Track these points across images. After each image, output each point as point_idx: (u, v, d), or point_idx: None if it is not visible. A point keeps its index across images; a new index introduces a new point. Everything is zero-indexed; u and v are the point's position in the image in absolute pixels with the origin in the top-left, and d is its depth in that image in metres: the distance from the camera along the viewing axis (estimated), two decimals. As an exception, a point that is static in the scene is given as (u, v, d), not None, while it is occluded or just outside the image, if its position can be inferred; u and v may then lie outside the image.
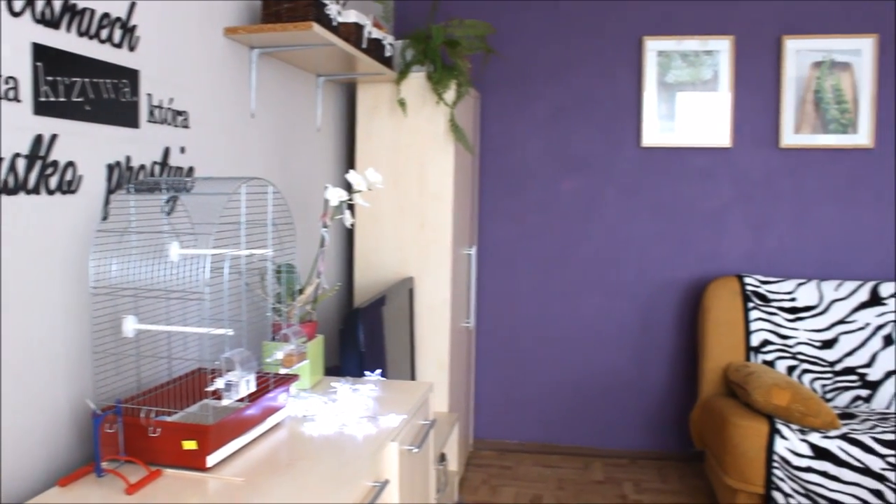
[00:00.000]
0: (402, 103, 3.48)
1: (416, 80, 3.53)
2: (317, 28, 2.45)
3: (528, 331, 4.44)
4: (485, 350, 4.48)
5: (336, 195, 2.35)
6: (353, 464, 1.68)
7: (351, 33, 2.87)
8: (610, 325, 4.38)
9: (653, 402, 4.39)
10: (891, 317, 3.87)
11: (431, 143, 3.53)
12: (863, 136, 4.14)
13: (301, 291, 2.31)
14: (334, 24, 2.67)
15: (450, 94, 3.49)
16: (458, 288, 3.78)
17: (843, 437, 3.25)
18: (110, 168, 1.91)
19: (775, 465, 3.25)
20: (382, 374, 2.88)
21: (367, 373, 2.40)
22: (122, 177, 1.95)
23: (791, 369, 3.82)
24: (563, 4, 4.30)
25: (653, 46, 4.22)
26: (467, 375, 4.26)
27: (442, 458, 3.27)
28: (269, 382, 1.90)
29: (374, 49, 3.17)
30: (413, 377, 3.53)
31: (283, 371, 2.06)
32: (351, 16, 2.87)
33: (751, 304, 3.93)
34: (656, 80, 4.23)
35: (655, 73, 4.22)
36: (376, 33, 3.17)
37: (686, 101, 4.22)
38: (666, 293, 4.33)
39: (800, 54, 4.14)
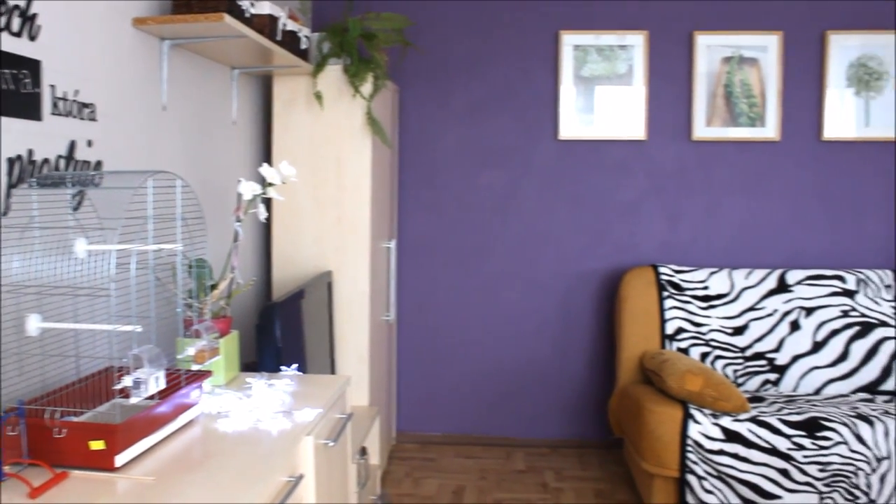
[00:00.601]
0: (318, 96, 3.45)
1: (333, 73, 3.50)
2: (228, 19, 2.41)
3: (449, 323, 4.46)
4: (406, 343, 4.49)
5: (249, 189, 2.32)
6: (268, 459, 1.66)
7: (265, 25, 2.83)
8: (529, 316, 4.44)
9: (572, 391, 4.46)
10: (797, 303, 4.01)
11: (349, 136, 3.51)
12: (770, 129, 4.27)
13: (214, 287, 2.28)
14: (247, 15, 2.64)
15: (367, 88, 3.47)
16: (377, 281, 3.77)
17: (753, 419, 3.36)
18: (11, 162, 1.85)
19: (689, 448, 3.34)
20: (301, 369, 2.86)
21: (283, 368, 2.38)
22: (23, 171, 1.89)
23: (704, 356, 3.93)
24: (480, -2, 4.33)
25: (569, 41, 4.27)
26: (388, 369, 4.26)
27: (363, 451, 3.27)
28: (180, 379, 1.87)
29: (290, 41, 3.14)
30: (333, 371, 3.51)
31: (195, 367, 2.03)
32: (265, 7, 2.83)
33: (665, 294, 4.03)
34: (573, 73, 4.29)
35: (572, 66, 4.28)
36: (291, 25, 3.14)
37: (603, 95, 4.29)
38: (584, 284, 4.41)
39: (710, 49, 4.25)
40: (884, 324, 3.96)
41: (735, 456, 3.32)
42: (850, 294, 4.02)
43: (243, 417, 1.92)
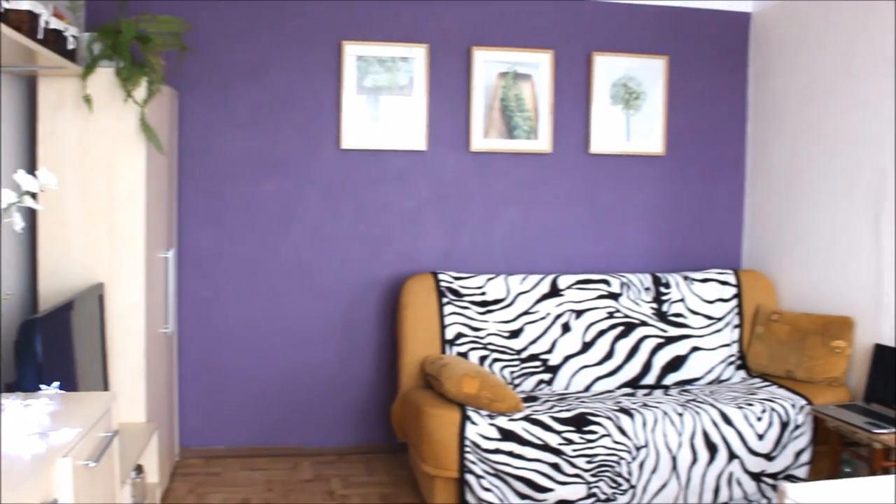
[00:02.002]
0: (87, 100, 3.29)
1: (105, 75, 3.35)
2: (-23, 16, 2.25)
3: (233, 334, 4.38)
4: (188, 356, 4.35)
5: (3, 198, 2.19)
6: (17, 487, 1.57)
7: (23, 21, 2.66)
8: (314, 325, 4.44)
9: (358, 398, 4.50)
10: (568, 306, 4.26)
11: (121, 142, 3.37)
12: (543, 141, 4.52)
13: (-37, 302, 2.12)
14: (1, 10, 2.48)
15: (140, 92, 3.35)
16: (154, 293, 3.64)
17: (526, 418, 3.54)
18: None
19: (467, 449, 3.47)
20: (71, 387, 2.72)
21: (43, 387, 2.26)
22: None
23: (483, 359, 4.09)
24: (263, 4, 4.28)
25: (352, 51, 4.32)
26: (169, 382, 4.12)
27: (139, 469, 3.15)
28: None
29: (54, 40, 2.97)
30: (106, 388, 3.36)
31: (-64, 390, 1.89)
32: (23, 3, 2.67)
33: (445, 300, 4.16)
34: (356, 83, 4.34)
35: (355, 77, 4.34)
36: (56, 24, 2.98)
37: (386, 106, 4.37)
38: (367, 291, 4.46)
39: (488, 64, 4.44)
40: (644, 323, 4.28)
41: (510, 454, 3.48)
42: (614, 297, 4.32)
43: (-8, 442, 1.81)
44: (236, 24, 4.27)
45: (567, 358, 4.18)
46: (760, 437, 3.70)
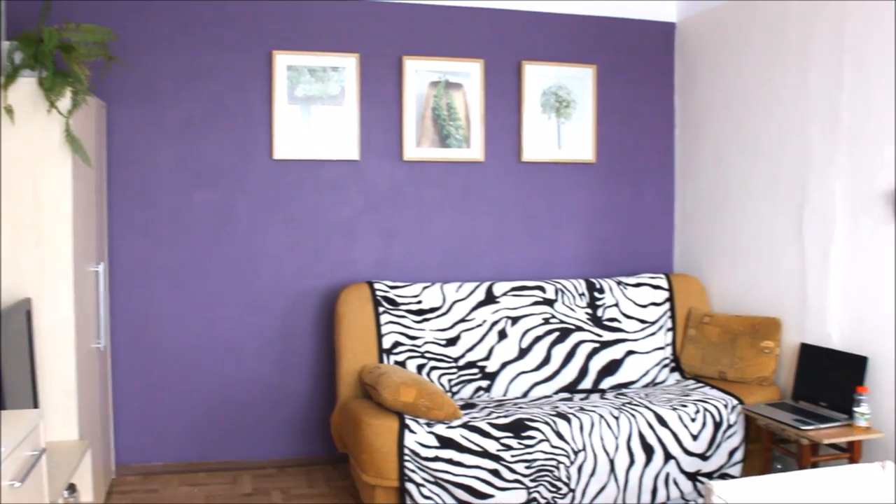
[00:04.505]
0: (9, 111, 3.21)
1: (27, 85, 3.27)
2: None
3: (168, 347, 4.31)
4: (122, 370, 4.27)
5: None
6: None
7: (-60, 34, 2.61)
8: (250, 337, 4.39)
9: (297, 409, 4.47)
10: (504, 313, 4.29)
11: (46, 154, 3.29)
12: (475, 150, 4.56)
13: None
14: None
15: (65, 103, 3.28)
16: (83, 307, 3.57)
17: (465, 425, 3.55)
18: None
19: (406, 458, 3.47)
20: (-5, 406, 2.64)
21: (-34, 406, 2.20)
22: None
23: (420, 367, 4.09)
24: (191, 12, 4.24)
25: (282, 61, 4.31)
26: (103, 398, 4.03)
27: (72, 488, 3.08)
28: None
29: (-27, 51, 2.91)
30: (35, 405, 3.27)
31: None
32: (-60, 15, 2.60)
33: (381, 309, 4.16)
34: (287, 93, 4.32)
35: (286, 86, 4.32)
36: (-25, 34, 2.91)
37: (318, 115, 4.36)
38: (303, 302, 4.44)
39: (419, 74, 4.47)
40: (579, 328, 4.34)
41: (450, 461, 3.49)
42: (549, 303, 4.37)
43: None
44: (164, 33, 4.22)
45: (504, 364, 4.21)
46: (695, 437, 3.77)
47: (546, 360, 4.26)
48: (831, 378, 3.69)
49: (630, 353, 4.36)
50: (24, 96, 3.27)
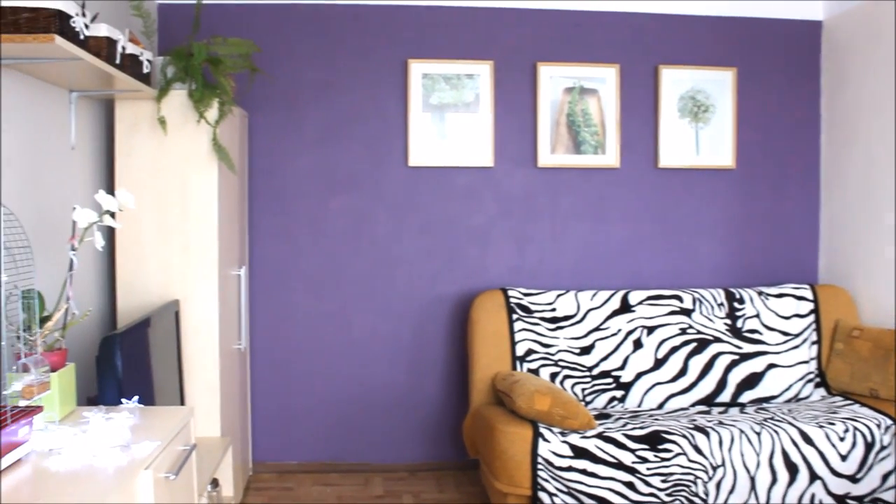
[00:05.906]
0: (162, 122, 3.37)
1: (178, 97, 3.43)
2: (60, 41, 2.31)
3: (304, 350, 4.42)
4: (260, 371, 4.41)
5: (84, 217, 2.24)
6: (102, 497, 1.60)
7: (102, 47, 2.75)
8: (383, 341, 4.45)
9: (428, 414, 4.49)
10: (639, 322, 4.19)
11: (194, 162, 3.44)
12: (610, 156, 4.48)
13: (48, 318, 2.18)
14: (81, 37, 2.55)
15: (212, 113, 3.42)
16: (226, 309, 3.70)
17: (599, 435, 3.48)
18: None
19: (540, 466, 3.43)
20: (149, 401, 2.76)
21: (124, 400, 2.30)
22: None
23: (554, 376, 4.04)
24: (328, 24, 4.34)
25: (417, 69, 4.35)
26: (242, 398, 4.17)
27: (214, 483, 3.19)
28: (5, 417, 1.78)
29: (130, 65, 3.05)
30: (182, 402, 3.41)
31: (23, 403, 1.93)
32: (101, 29, 2.74)
33: (515, 316, 4.13)
34: (422, 101, 4.36)
35: (421, 94, 4.36)
36: (132, 48, 3.06)
37: (452, 122, 4.39)
38: (436, 308, 4.46)
39: (553, 80, 4.42)
40: (718, 340, 4.19)
41: (583, 472, 3.43)
42: (687, 313, 4.24)
43: (77, 454, 1.85)
44: (303, 45, 4.34)
45: (639, 375, 4.11)
46: (844, 457, 3.57)
47: (683, 372, 4.13)
48: None
49: (771, 366, 4.18)
50: (175, 108, 3.43)
